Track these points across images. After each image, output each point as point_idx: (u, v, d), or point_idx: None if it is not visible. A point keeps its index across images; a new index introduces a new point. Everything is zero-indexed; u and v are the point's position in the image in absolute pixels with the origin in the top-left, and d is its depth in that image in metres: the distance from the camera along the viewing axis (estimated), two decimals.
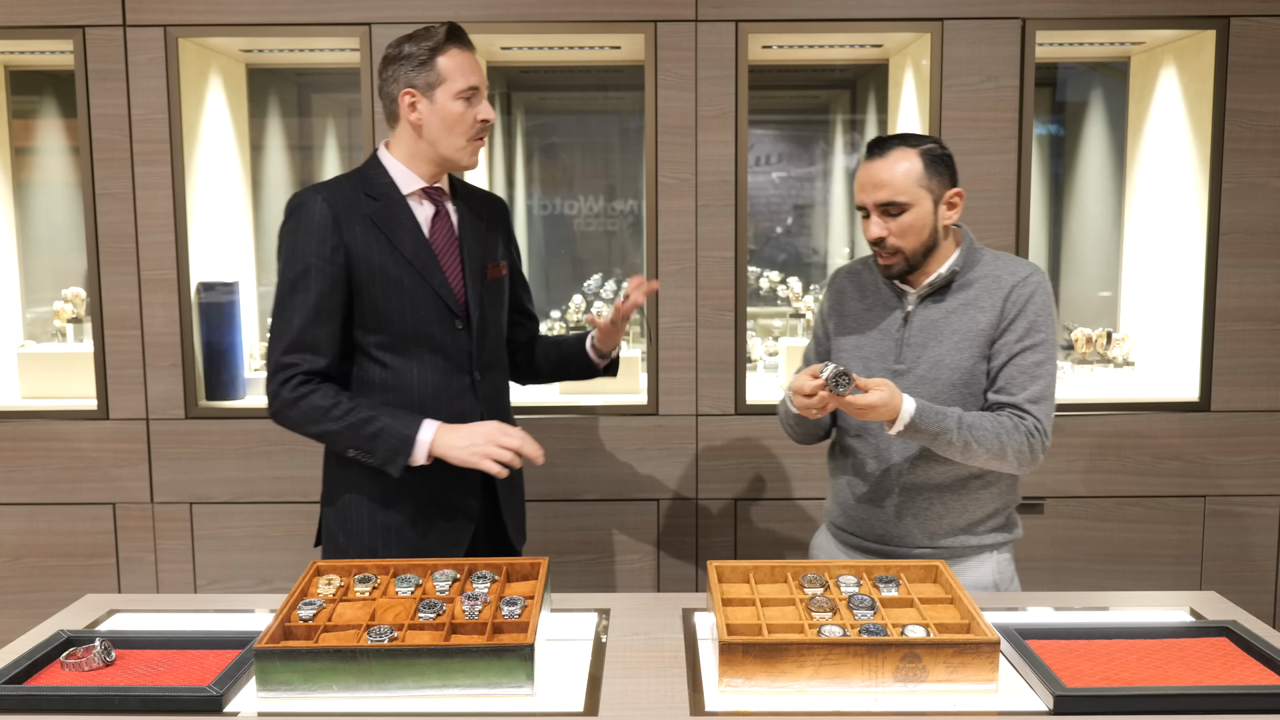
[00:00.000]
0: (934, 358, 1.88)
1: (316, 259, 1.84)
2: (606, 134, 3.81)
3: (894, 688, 1.43)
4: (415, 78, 1.86)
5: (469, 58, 1.89)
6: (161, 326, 2.86)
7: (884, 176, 1.84)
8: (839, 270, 2.10)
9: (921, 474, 1.90)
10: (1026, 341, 1.85)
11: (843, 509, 2.01)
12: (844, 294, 2.04)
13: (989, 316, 1.87)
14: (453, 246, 1.96)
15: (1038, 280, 1.88)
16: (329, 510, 1.98)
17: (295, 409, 1.83)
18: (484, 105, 1.91)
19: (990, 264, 1.92)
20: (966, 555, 1.93)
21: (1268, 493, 2.93)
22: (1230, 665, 1.52)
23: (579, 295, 3.32)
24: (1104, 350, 3.13)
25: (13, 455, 2.91)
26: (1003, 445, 1.80)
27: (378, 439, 1.82)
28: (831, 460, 2.09)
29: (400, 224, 1.90)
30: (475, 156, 1.93)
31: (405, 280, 1.88)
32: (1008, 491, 1.95)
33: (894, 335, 1.93)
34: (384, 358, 1.91)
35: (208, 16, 2.78)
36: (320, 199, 1.86)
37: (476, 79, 1.88)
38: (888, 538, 1.94)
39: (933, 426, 1.78)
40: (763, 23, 2.79)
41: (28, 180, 3.37)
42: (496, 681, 1.43)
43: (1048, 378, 1.85)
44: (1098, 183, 3.51)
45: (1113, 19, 2.79)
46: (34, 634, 1.66)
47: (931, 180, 1.85)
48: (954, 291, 1.91)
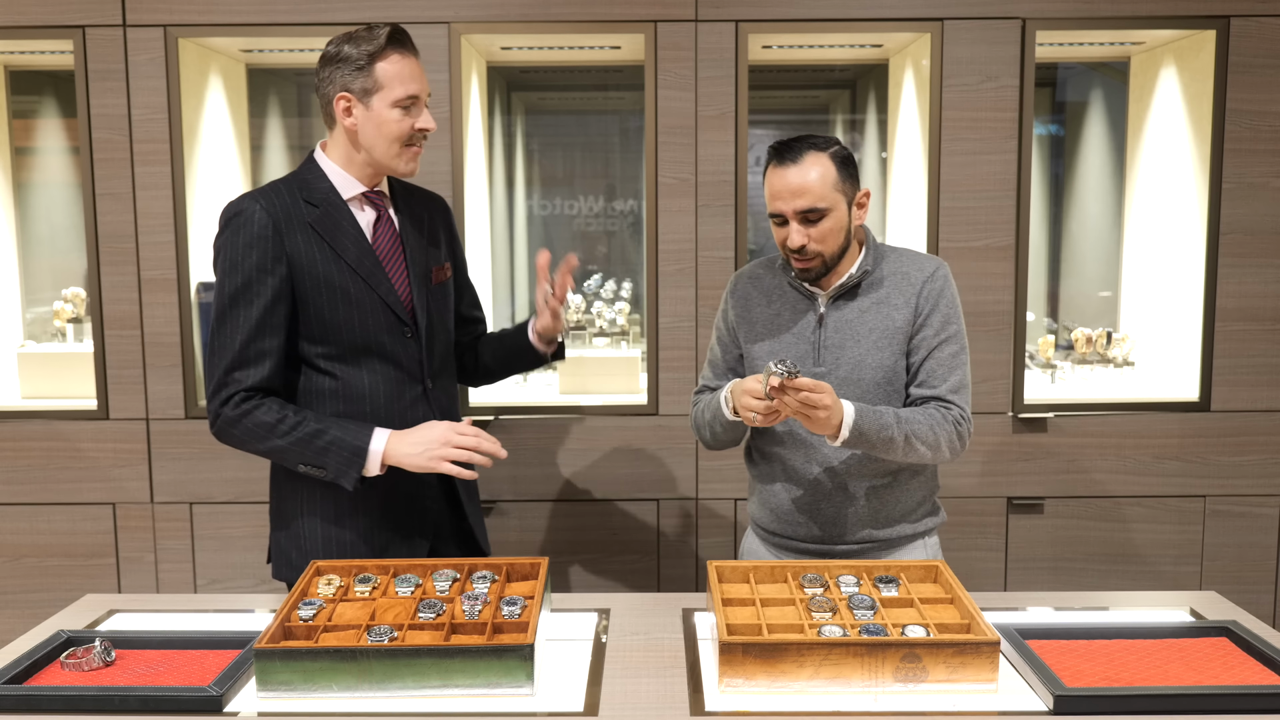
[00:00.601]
0: (854, 358, 1.89)
1: (258, 271, 1.77)
2: (606, 134, 3.80)
3: (894, 688, 1.43)
4: (352, 82, 1.79)
5: (410, 64, 1.81)
6: (161, 326, 2.86)
7: (801, 183, 1.81)
8: (739, 275, 2.07)
9: (855, 471, 1.91)
10: (943, 335, 1.88)
11: (775, 514, 1.98)
12: (749, 300, 2.01)
13: (904, 314, 1.89)
14: (397, 252, 1.90)
15: (944, 274, 1.92)
16: (281, 532, 1.92)
17: (239, 426, 1.77)
18: (424, 115, 1.83)
19: (896, 261, 1.94)
20: (900, 545, 1.96)
21: (1268, 493, 2.93)
22: (1230, 665, 1.52)
23: (579, 295, 3.32)
24: (1104, 350, 3.13)
25: (13, 455, 2.91)
26: (937, 437, 1.83)
27: (328, 453, 1.77)
28: (753, 466, 2.05)
29: (343, 231, 1.83)
30: (413, 164, 1.87)
31: (351, 289, 1.82)
32: (932, 478, 2.00)
33: (809, 338, 1.92)
34: (332, 369, 1.85)
35: (208, 16, 2.78)
36: (259, 207, 1.79)
37: (416, 87, 1.81)
38: (825, 537, 1.94)
39: (874, 427, 1.78)
40: (763, 23, 2.79)
41: (28, 180, 3.37)
42: (496, 681, 1.43)
43: (964, 367, 1.90)
44: (1098, 183, 3.51)
45: (1113, 19, 2.79)
46: (34, 634, 1.66)
47: (844, 183, 1.85)
48: (864, 291, 1.92)
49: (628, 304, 3.42)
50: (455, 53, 2.78)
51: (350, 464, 1.77)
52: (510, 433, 2.90)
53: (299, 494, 1.89)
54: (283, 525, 1.92)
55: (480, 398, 2.94)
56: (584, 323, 3.25)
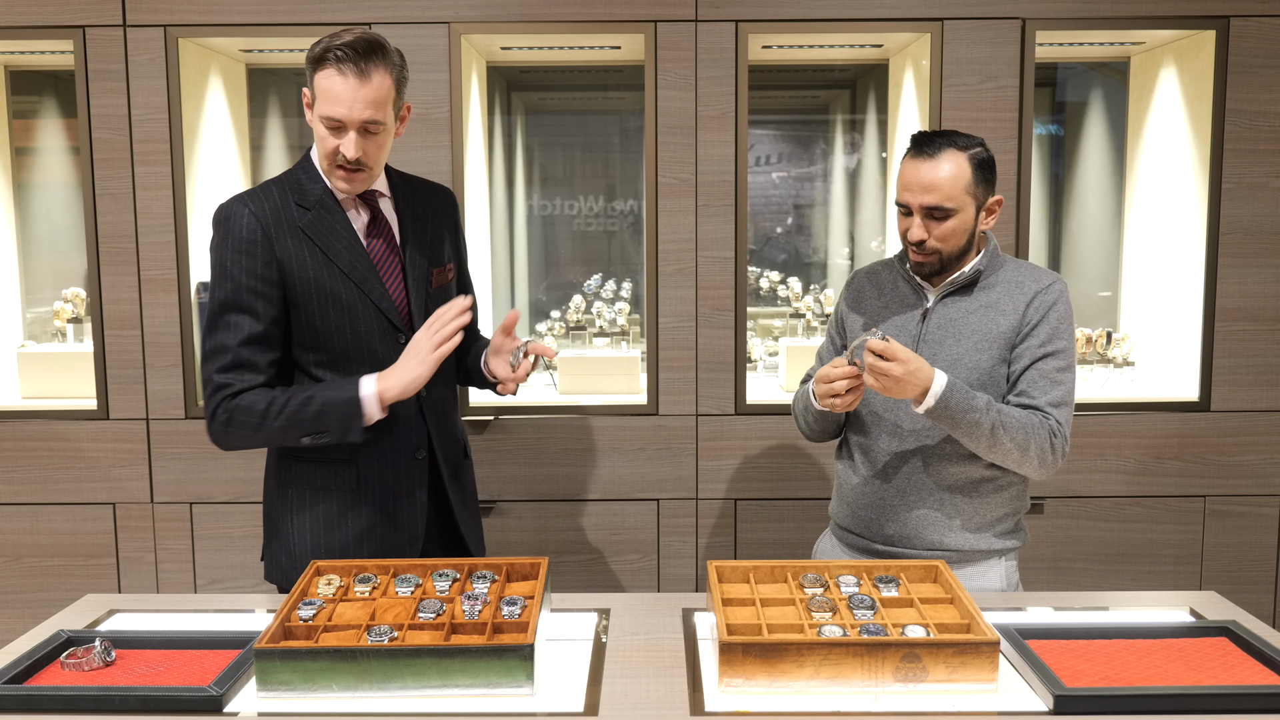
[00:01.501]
0: (952, 356, 1.87)
1: (247, 277, 1.74)
2: (606, 134, 3.80)
3: (894, 688, 1.43)
4: (307, 82, 1.76)
5: (343, 84, 1.69)
6: (161, 326, 2.86)
7: (932, 179, 1.80)
8: (858, 272, 2.10)
9: (934, 475, 1.89)
10: (1050, 347, 1.84)
11: (850, 509, 2.00)
12: (862, 293, 2.03)
13: (1010, 320, 1.86)
14: (393, 255, 1.86)
15: (1060, 289, 1.88)
16: (273, 539, 1.92)
17: (232, 425, 1.74)
18: (347, 140, 1.72)
19: (1014, 270, 1.92)
20: (974, 560, 1.92)
21: (1268, 493, 2.93)
22: (1230, 665, 1.52)
23: (579, 295, 3.32)
24: (1104, 350, 3.13)
25: (13, 455, 2.91)
26: (1028, 438, 1.79)
27: (324, 416, 1.73)
28: (840, 460, 2.07)
29: (335, 235, 1.79)
30: (342, 184, 1.78)
31: (343, 295, 1.79)
32: (1018, 497, 1.94)
33: (912, 331, 1.92)
34: (325, 375, 1.82)
35: (208, 16, 2.78)
36: (247, 211, 1.76)
37: (340, 111, 1.70)
38: (895, 539, 1.93)
39: (962, 404, 1.75)
40: (763, 23, 2.79)
41: (28, 180, 3.37)
42: (496, 681, 1.43)
43: (1069, 384, 1.85)
44: (1098, 183, 3.51)
45: (1113, 19, 2.79)
46: (34, 634, 1.66)
47: (978, 187, 1.83)
48: (977, 292, 1.90)
49: (628, 304, 3.42)
50: (455, 53, 2.78)
51: (348, 418, 1.74)
52: (510, 433, 2.90)
53: (289, 501, 1.89)
54: (273, 531, 1.92)
55: (480, 398, 2.94)
56: (584, 323, 3.25)
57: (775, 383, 3.21)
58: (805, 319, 3.25)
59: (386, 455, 1.87)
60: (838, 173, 3.78)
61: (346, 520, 1.87)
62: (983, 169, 1.83)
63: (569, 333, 3.25)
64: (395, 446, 1.87)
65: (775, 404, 2.92)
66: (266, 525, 1.95)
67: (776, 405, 2.91)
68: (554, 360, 1.90)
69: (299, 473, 1.88)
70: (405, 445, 1.88)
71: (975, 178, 1.82)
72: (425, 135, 2.80)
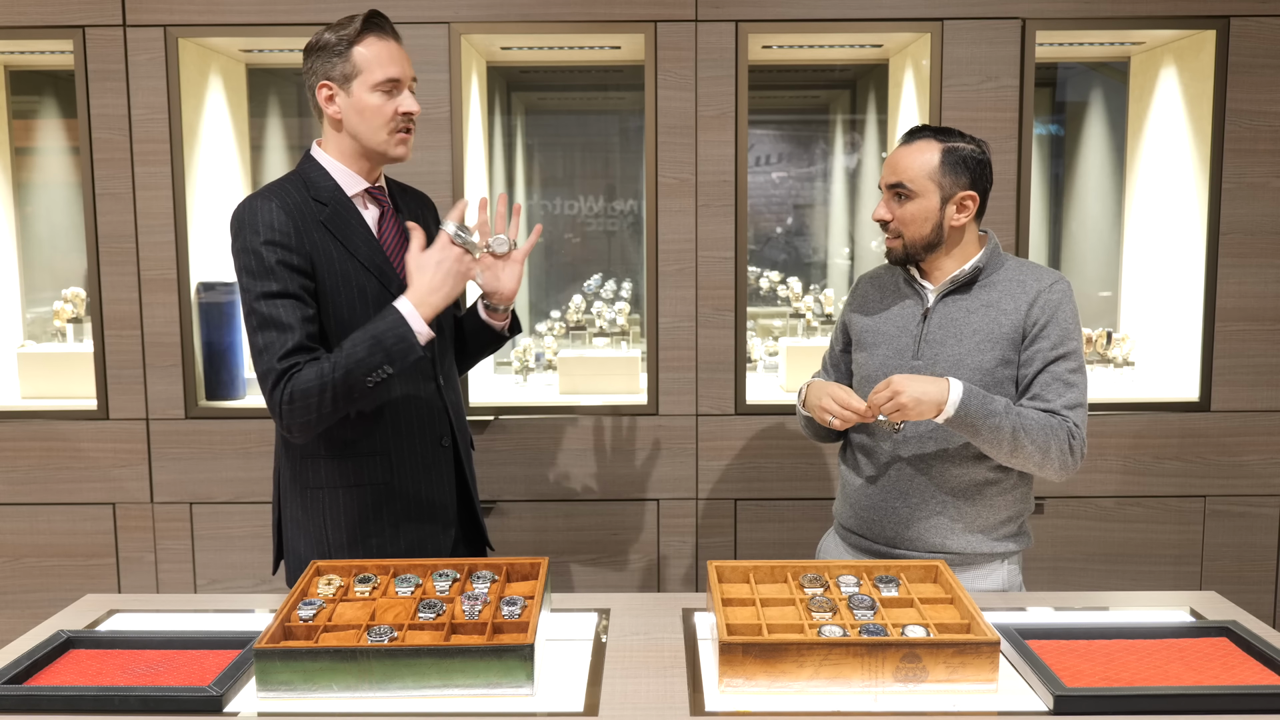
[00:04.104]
0: (954, 356, 1.87)
1: (286, 267, 1.73)
2: (606, 134, 3.80)
3: (894, 688, 1.43)
4: (332, 70, 1.78)
5: (388, 47, 1.79)
6: (161, 326, 2.86)
7: (899, 161, 1.87)
8: (862, 277, 2.12)
9: (936, 478, 1.89)
10: (1061, 349, 1.84)
11: (854, 510, 2.00)
12: (866, 295, 2.05)
13: (1013, 319, 1.86)
14: (402, 248, 1.88)
15: (1064, 288, 1.88)
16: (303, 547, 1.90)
17: (294, 402, 1.70)
18: (405, 97, 1.81)
19: (1016, 269, 1.92)
20: (978, 562, 1.92)
21: (1268, 493, 2.93)
22: (1230, 665, 1.52)
23: (579, 295, 3.32)
24: (1104, 350, 3.13)
25: (13, 455, 2.91)
26: (1048, 441, 1.79)
27: (376, 351, 1.69)
28: (843, 460, 2.07)
29: (353, 229, 1.82)
30: (403, 148, 1.85)
31: (369, 288, 1.81)
32: (1021, 500, 1.94)
33: (912, 331, 1.93)
34: None
35: (208, 16, 2.78)
36: (274, 205, 1.76)
37: (396, 70, 1.79)
38: (899, 540, 1.93)
39: (982, 410, 1.76)
40: (763, 23, 2.79)
41: (28, 180, 3.37)
42: (496, 681, 1.43)
43: (1082, 386, 1.85)
44: (1098, 183, 3.51)
45: (1113, 19, 2.79)
46: (34, 634, 1.66)
47: (944, 177, 1.85)
48: (977, 291, 1.90)
49: (628, 304, 3.42)
50: (455, 53, 2.78)
51: (401, 339, 1.70)
52: (510, 433, 2.90)
53: (319, 503, 1.87)
54: (298, 535, 1.89)
55: (480, 398, 2.94)
56: (584, 323, 3.25)
57: (775, 383, 3.21)
58: (805, 319, 3.25)
59: (416, 444, 1.90)
60: (838, 173, 3.78)
61: (382, 512, 1.88)
62: (956, 161, 1.85)
63: (569, 333, 3.26)
64: (423, 434, 1.91)
65: (775, 404, 2.92)
66: (287, 532, 1.92)
67: (776, 405, 2.91)
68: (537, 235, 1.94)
69: (329, 472, 1.86)
70: (431, 433, 1.92)
71: (943, 167, 1.85)
72: (425, 135, 2.80)
